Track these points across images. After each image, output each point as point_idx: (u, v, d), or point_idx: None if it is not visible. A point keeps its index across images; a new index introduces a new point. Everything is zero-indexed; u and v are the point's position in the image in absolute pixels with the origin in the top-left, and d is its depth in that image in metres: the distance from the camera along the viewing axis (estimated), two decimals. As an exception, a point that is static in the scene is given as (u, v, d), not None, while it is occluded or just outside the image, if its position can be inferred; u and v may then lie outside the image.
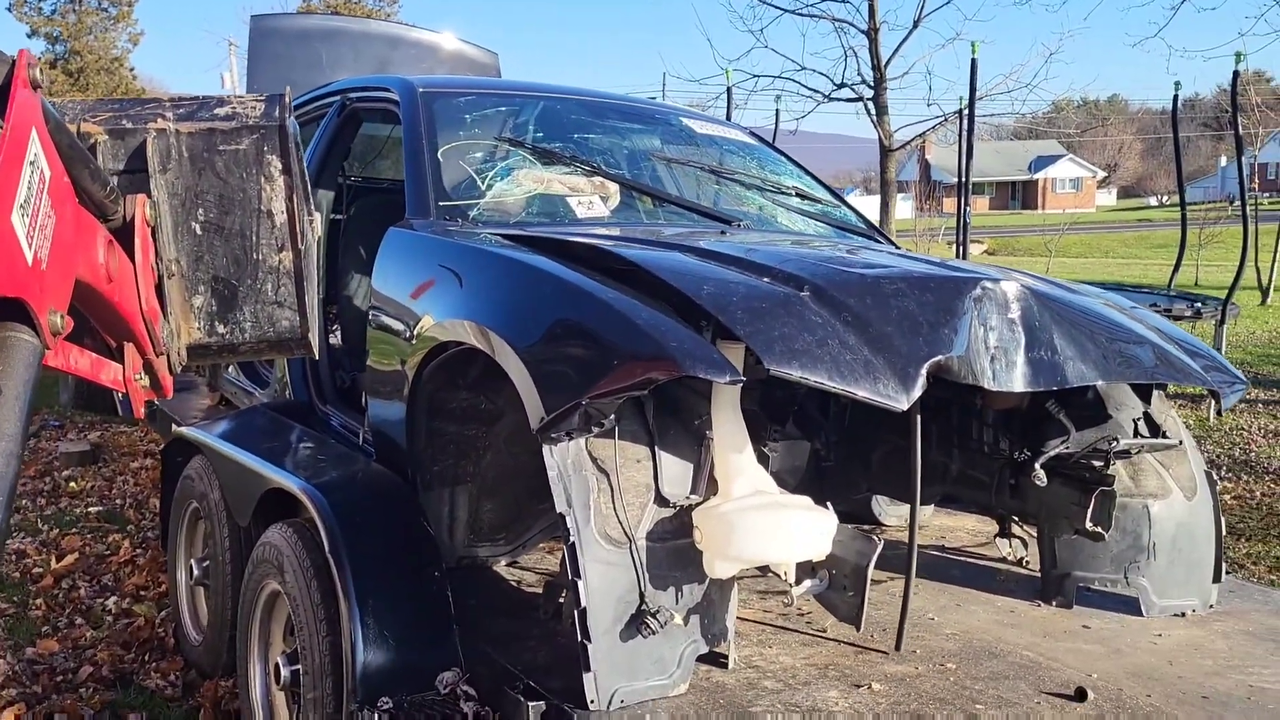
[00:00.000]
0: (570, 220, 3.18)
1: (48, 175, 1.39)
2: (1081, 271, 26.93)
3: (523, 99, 3.81)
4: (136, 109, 1.79)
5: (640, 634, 2.10)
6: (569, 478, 2.10)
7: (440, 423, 2.79)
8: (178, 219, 1.80)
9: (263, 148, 1.80)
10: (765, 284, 2.25)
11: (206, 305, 1.85)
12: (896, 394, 2.07)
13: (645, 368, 1.98)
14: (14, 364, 1.22)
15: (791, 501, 2.23)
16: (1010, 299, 2.28)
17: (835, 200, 3.97)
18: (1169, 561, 2.83)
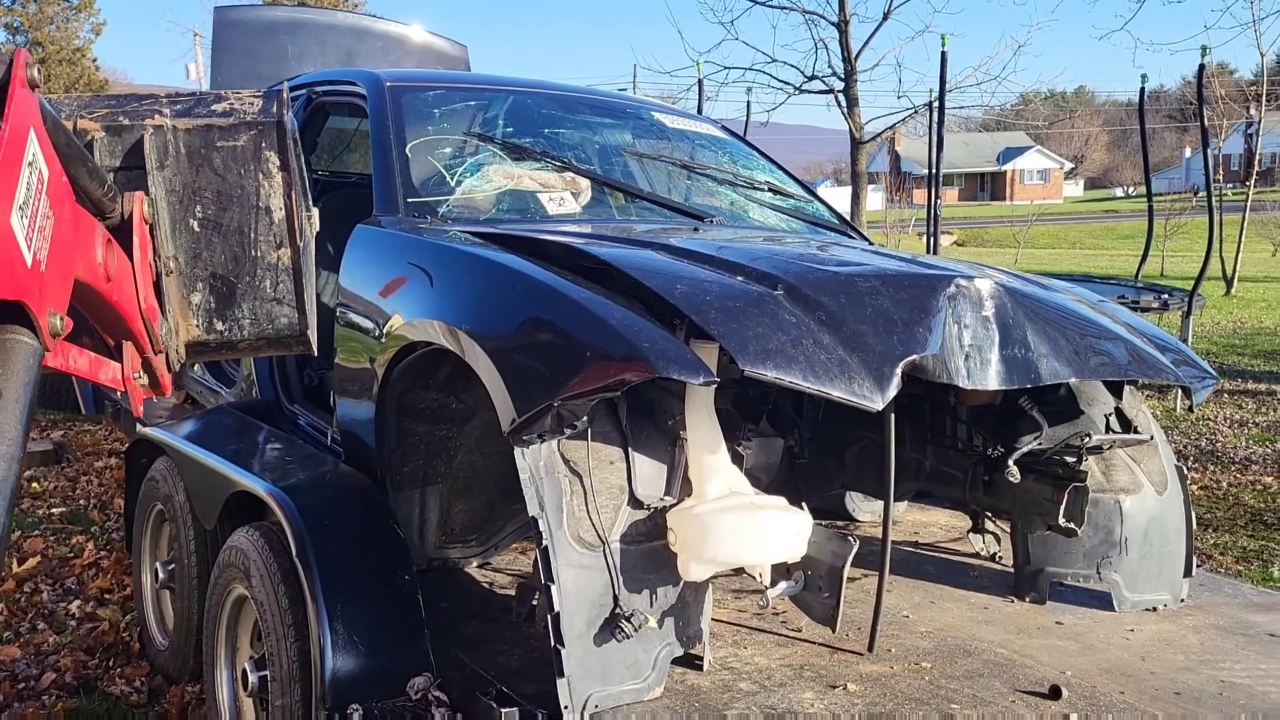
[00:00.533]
0: (541, 216, 3.14)
1: (46, 175, 1.37)
2: (1049, 262, 27.19)
3: (492, 93, 3.76)
4: (133, 105, 1.76)
5: (614, 638, 2.07)
6: (541, 480, 2.07)
7: (410, 423, 2.75)
8: (175, 216, 1.78)
9: (261, 144, 1.78)
10: (739, 283, 2.22)
11: (205, 302, 1.83)
12: (871, 394, 2.05)
13: (618, 368, 1.95)
14: (14, 367, 1.20)
15: (766, 503, 2.21)
16: (984, 296, 2.27)
17: (808, 195, 3.95)
18: (1140, 556, 2.84)
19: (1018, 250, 29.55)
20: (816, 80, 14.25)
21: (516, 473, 2.65)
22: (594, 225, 3.11)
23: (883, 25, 14.07)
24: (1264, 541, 5.51)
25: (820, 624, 2.44)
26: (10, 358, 1.21)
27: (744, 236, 3.20)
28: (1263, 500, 6.27)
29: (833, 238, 3.59)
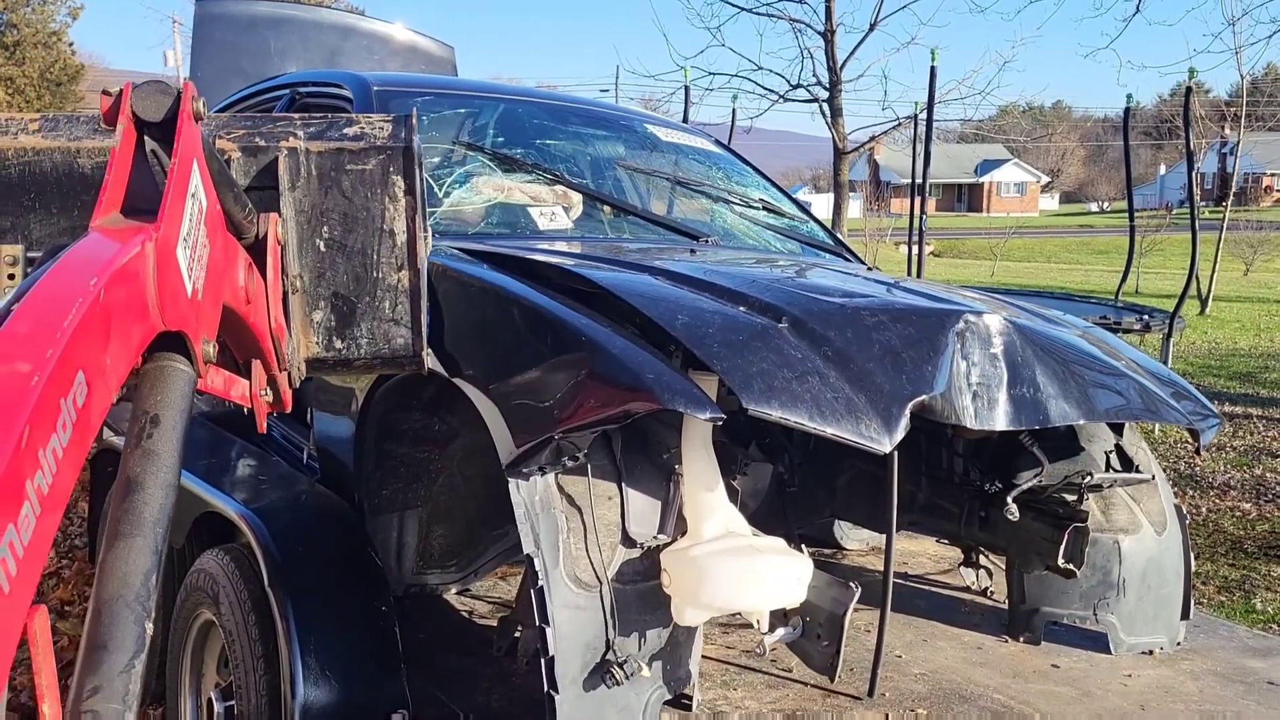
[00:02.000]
0: (532, 232, 3.03)
1: (204, 206, 1.42)
2: (1025, 275, 27.32)
3: (482, 100, 3.65)
4: (269, 127, 1.80)
5: (604, 684, 1.98)
6: (536, 516, 1.98)
7: (391, 444, 2.64)
8: (303, 236, 1.83)
9: (389, 168, 1.82)
10: (741, 314, 2.13)
11: (325, 320, 1.88)
12: (879, 436, 1.95)
13: (621, 400, 1.86)
14: (172, 394, 1.23)
15: (766, 545, 2.12)
16: (993, 333, 2.18)
17: (802, 214, 3.86)
18: (1138, 598, 2.78)
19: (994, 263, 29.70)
20: (801, 89, 14.22)
21: (499, 497, 2.55)
22: (587, 244, 3.01)
23: (869, 36, 14.08)
24: (1245, 571, 5.48)
25: (818, 673, 2.36)
26: (169, 386, 1.23)
27: (741, 259, 3.10)
28: (1242, 528, 6.26)
29: (830, 260, 3.50)
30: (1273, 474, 7.48)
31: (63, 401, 0.99)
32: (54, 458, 0.96)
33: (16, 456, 0.89)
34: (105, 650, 0.98)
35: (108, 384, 1.09)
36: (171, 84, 1.40)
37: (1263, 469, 7.63)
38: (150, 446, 1.16)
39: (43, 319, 1.02)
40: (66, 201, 1.77)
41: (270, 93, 3.90)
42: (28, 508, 0.90)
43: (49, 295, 1.06)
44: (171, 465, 1.16)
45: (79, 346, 1.02)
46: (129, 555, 1.06)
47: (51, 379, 0.96)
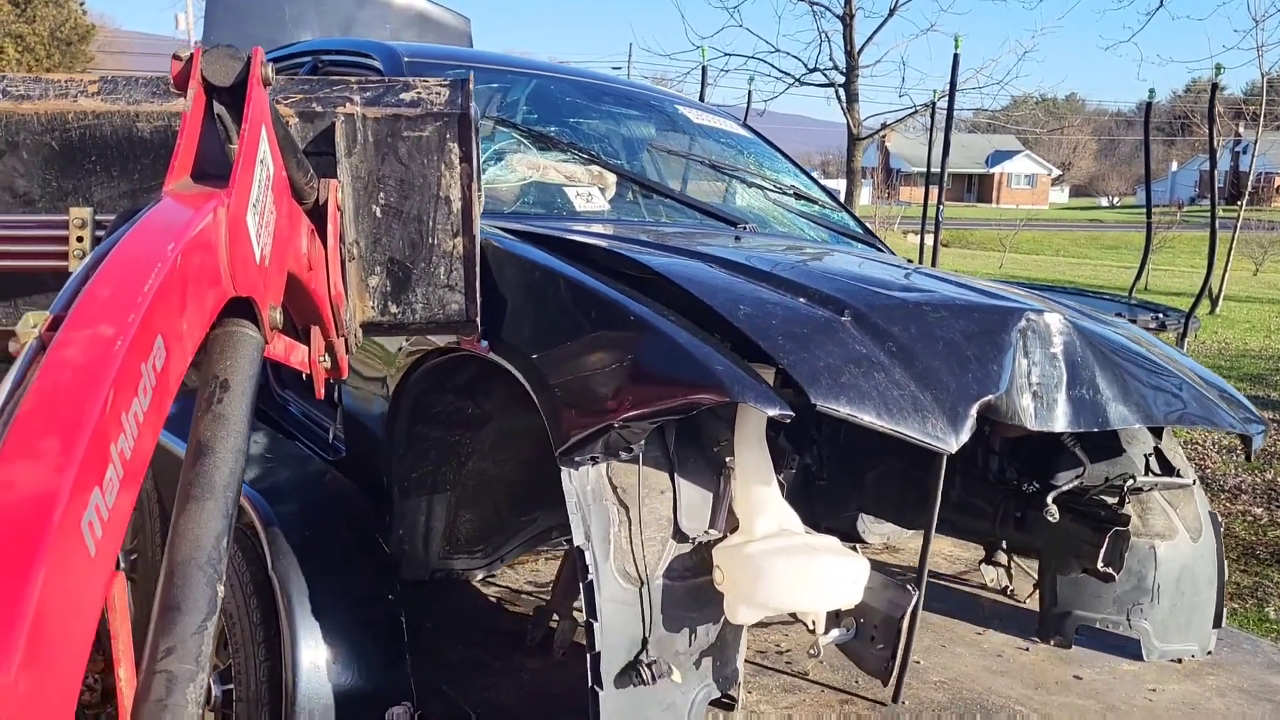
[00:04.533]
0: (569, 213, 2.94)
1: (271, 172, 1.42)
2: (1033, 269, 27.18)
3: (513, 75, 3.54)
4: (325, 91, 1.78)
5: (632, 683, 1.92)
6: (588, 507, 1.91)
7: (423, 427, 2.58)
8: (359, 202, 1.82)
9: (445, 135, 1.82)
10: (803, 306, 2.06)
11: (381, 285, 1.88)
12: (945, 436, 1.90)
13: (687, 391, 1.80)
14: (241, 360, 1.24)
15: (822, 545, 2.06)
16: (1053, 332, 2.13)
17: (833, 202, 3.77)
18: (1172, 605, 2.73)
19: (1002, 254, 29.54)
20: (818, 73, 14.08)
21: (527, 483, 2.52)
22: (630, 227, 2.91)
23: (888, 20, 13.91)
24: (1257, 578, 5.41)
25: (871, 675, 2.30)
26: (238, 351, 1.24)
27: (787, 247, 3.01)
28: (1254, 533, 6.18)
29: (871, 252, 3.41)
30: (1286, 479, 7.39)
31: (143, 366, 0.99)
32: (135, 421, 0.96)
33: (102, 420, 0.88)
34: (179, 611, 1.00)
35: (184, 349, 1.10)
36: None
37: (1274, 473, 7.54)
38: (220, 411, 1.17)
39: (124, 283, 1.02)
40: (127, 164, 1.79)
41: (290, 60, 3.79)
42: (112, 471, 0.90)
43: (129, 259, 1.06)
44: (241, 430, 1.17)
45: (158, 311, 1.02)
46: (201, 518, 1.08)
47: (133, 343, 0.96)
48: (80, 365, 0.92)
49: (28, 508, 0.80)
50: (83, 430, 0.87)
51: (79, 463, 0.84)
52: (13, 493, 0.81)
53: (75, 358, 0.93)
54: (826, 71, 14.00)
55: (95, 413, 0.88)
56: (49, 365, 0.93)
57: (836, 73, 13.91)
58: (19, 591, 0.75)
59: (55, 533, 0.79)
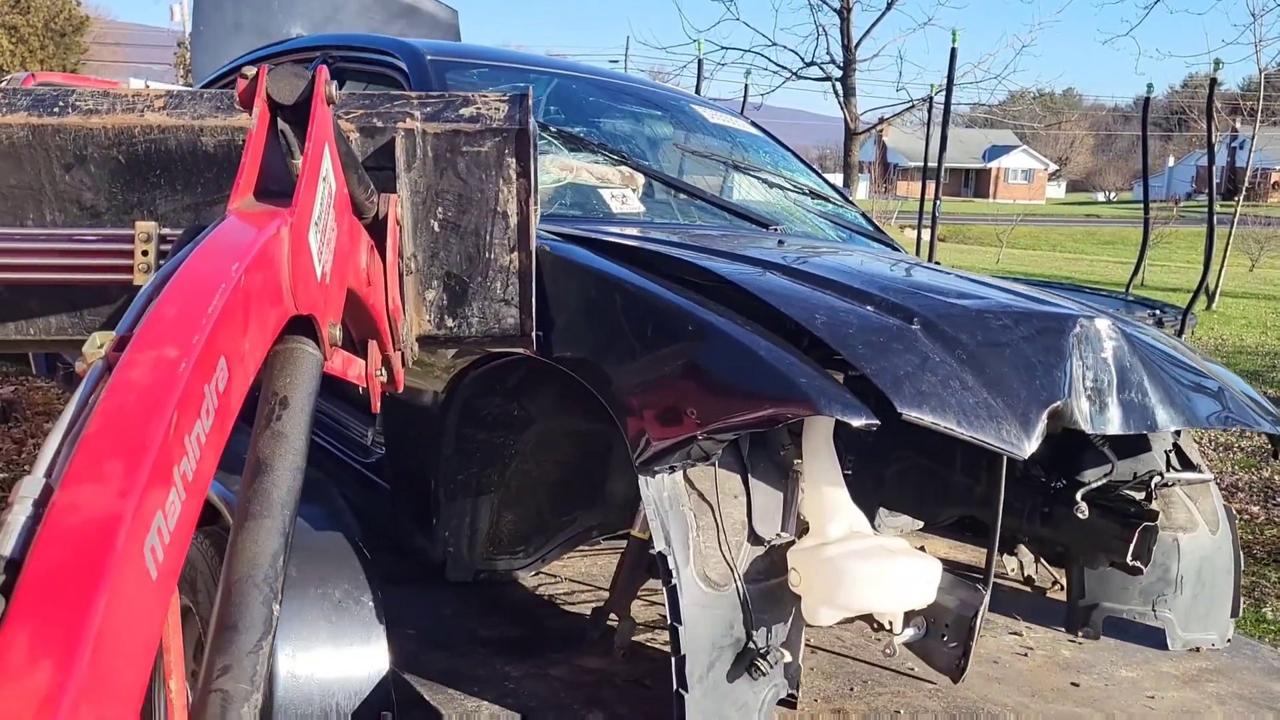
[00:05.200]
0: (605, 214, 2.94)
1: (333, 189, 1.42)
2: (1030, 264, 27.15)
3: (535, 75, 3.53)
4: (386, 107, 1.79)
5: (749, 675, 1.97)
6: (666, 514, 1.93)
7: (470, 429, 2.61)
8: (418, 216, 1.83)
9: (504, 151, 1.82)
10: (872, 314, 2.09)
11: (438, 299, 1.89)
12: (1019, 441, 1.93)
13: (775, 405, 1.83)
14: (300, 377, 1.24)
15: (897, 548, 2.11)
16: (1104, 338, 2.19)
17: (844, 200, 3.77)
18: (1194, 595, 2.80)
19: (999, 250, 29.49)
20: (815, 67, 14.02)
21: (568, 484, 2.63)
22: (671, 230, 2.90)
23: (886, 14, 13.86)
24: (1254, 577, 5.35)
25: (942, 672, 2.31)
26: (298, 369, 1.25)
27: (828, 251, 3.03)
28: (1251, 531, 6.13)
29: (896, 254, 3.47)
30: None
31: (206, 387, 0.99)
32: (197, 444, 0.96)
33: (166, 443, 0.89)
34: (235, 630, 1.00)
35: (246, 369, 1.11)
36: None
37: (1271, 471, 7.50)
38: (280, 428, 1.17)
39: (188, 304, 1.03)
40: (190, 178, 1.81)
41: (297, 54, 3.74)
42: (174, 494, 0.90)
43: (194, 279, 1.07)
44: (300, 447, 1.18)
45: (221, 332, 1.03)
46: (259, 536, 1.08)
47: (197, 365, 0.97)
48: (145, 387, 0.93)
49: (92, 531, 0.81)
50: (147, 454, 0.87)
51: (143, 486, 0.85)
52: (77, 516, 0.82)
53: (140, 379, 0.94)
54: (824, 65, 13.96)
55: (159, 436, 0.89)
56: (114, 387, 0.93)
57: (834, 66, 13.88)
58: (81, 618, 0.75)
59: (118, 557, 0.80)
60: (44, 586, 0.77)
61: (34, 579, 0.77)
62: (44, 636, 0.74)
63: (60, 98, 1.79)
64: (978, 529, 3.27)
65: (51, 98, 1.79)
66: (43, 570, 0.78)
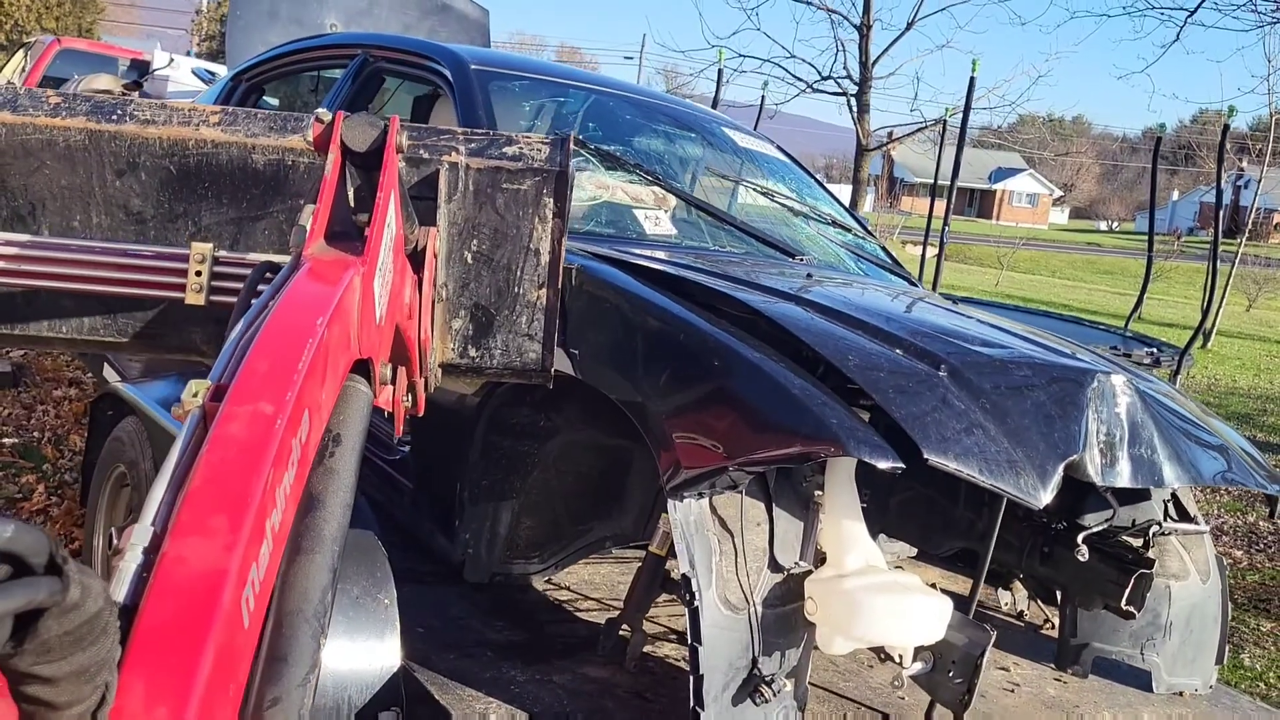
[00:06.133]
0: (638, 235, 3.02)
1: (394, 233, 1.46)
2: (1029, 288, 27.28)
3: (574, 90, 3.62)
4: (433, 139, 1.84)
5: (753, 701, 2.04)
6: (691, 537, 2.02)
7: (496, 436, 2.69)
8: (452, 247, 1.87)
9: (543, 190, 1.87)
10: (902, 358, 2.18)
11: (464, 329, 1.93)
12: (1036, 491, 2.02)
13: (805, 443, 1.91)
14: (353, 415, 1.27)
15: (911, 584, 2.20)
16: (1118, 393, 2.27)
17: (864, 231, 3.85)
18: (1181, 641, 2.87)
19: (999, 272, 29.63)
20: (831, 81, 14.07)
21: (586, 495, 2.73)
22: (703, 256, 2.97)
23: (905, 34, 13.92)
24: (1235, 623, 5.45)
25: (946, 707, 2.39)
26: (351, 406, 1.28)
27: (855, 286, 3.12)
28: (1234, 576, 6.23)
29: (917, 290, 3.56)
30: (1265, 523, 7.45)
31: (294, 440, 1.03)
32: (284, 495, 1.00)
33: (263, 498, 0.93)
34: (285, 663, 1.03)
35: (322, 418, 1.16)
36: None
37: (1256, 516, 7.61)
38: (332, 465, 1.21)
39: (280, 358, 1.07)
40: (237, 194, 1.86)
41: (334, 49, 3.80)
42: (266, 546, 0.94)
43: (283, 332, 1.12)
44: (350, 484, 1.22)
45: (309, 387, 1.07)
46: (310, 571, 1.11)
47: (290, 421, 1.01)
48: (244, 443, 0.97)
49: (200, 585, 0.84)
50: (248, 509, 0.90)
51: (245, 542, 0.88)
52: (186, 569, 0.85)
53: (240, 435, 0.98)
54: (840, 80, 14.00)
55: (259, 491, 0.92)
56: (216, 441, 0.97)
57: (850, 82, 13.91)
58: (192, 669, 0.79)
59: (222, 612, 0.83)
60: (158, 636, 0.80)
61: (148, 628, 0.81)
62: (159, 685, 0.78)
63: (119, 106, 1.85)
64: (974, 561, 3.35)
65: (110, 106, 1.85)
66: (156, 620, 0.81)
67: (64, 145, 1.81)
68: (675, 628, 2.86)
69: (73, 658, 0.71)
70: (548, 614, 2.92)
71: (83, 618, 0.70)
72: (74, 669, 0.71)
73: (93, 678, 0.73)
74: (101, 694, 0.75)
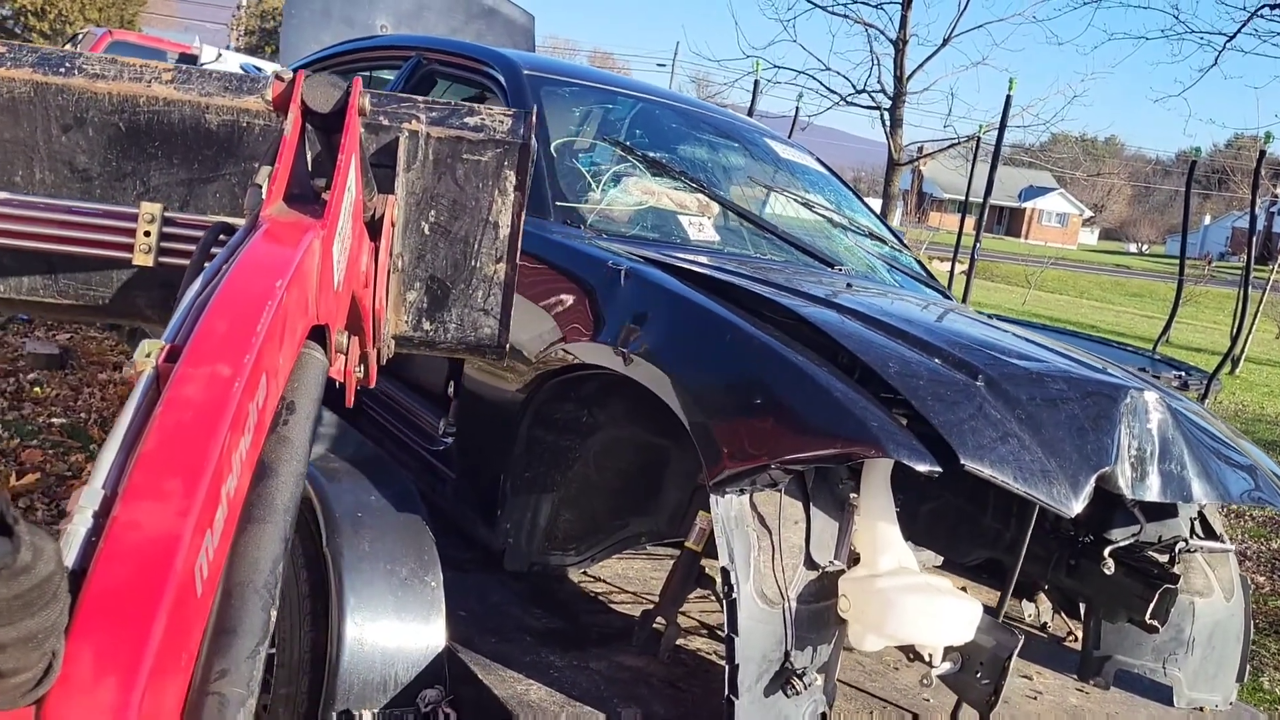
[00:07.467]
0: (682, 241, 3.10)
1: (354, 198, 1.43)
2: (1056, 308, 27.15)
3: (622, 97, 3.70)
4: (393, 106, 1.80)
5: (784, 693, 2.11)
6: (732, 532, 2.09)
7: (540, 431, 2.77)
8: (410, 217, 1.84)
9: (504, 162, 1.85)
10: (941, 367, 2.24)
11: (418, 301, 1.90)
12: (1068, 501, 2.08)
13: (845, 444, 1.98)
14: (307, 383, 1.25)
15: (943, 586, 2.27)
16: (1151, 409, 2.32)
17: (900, 244, 3.93)
18: (1203, 657, 2.91)
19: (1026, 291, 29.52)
20: (864, 94, 14.14)
21: (624, 491, 2.79)
22: (746, 262, 3.05)
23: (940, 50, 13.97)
24: (1255, 647, 5.47)
25: (972, 706, 2.45)
26: (305, 374, 1.26)
27: (893, 297, 3.19)
28: (1256, 601, 6.24)
29: (950, 302, 3.61)
30: (1289, 549, 7.45)
31: (251, 405, 1.00)
32: (240, 461, 0.97)
33: (219, 463, 0.90)
34: (234, 634, 0.99)
35: (279, 383, 1.12)
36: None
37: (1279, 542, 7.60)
38: (285, 433, 1.18)
39: (238, 321, 1.03)
40: (189, 154, 1.79)
41: (389, 50, 3.91)
42: (220, 512, 0.91)
43: (242, 294, 1.08)
44: (303, 454, 1.19)
45: (267, 351, 1.03)
46: (261, 541, 1.07)
47: (247, 385, 0.98)
48: (200, 406, 0.93)
49: (152, 550, 0.81)
50: (204, 473, 0.87)
51: (199, 507, 0.85)
52: (139, 534, 0.82)
53: (195, 397, 0.94)
54: (874, 94, 14.06)
55: (214, 455, 0.89)
56: (171, 402, 0.93)
57: (884, 96, 13.98)
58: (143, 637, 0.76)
59: (175, 579, 0.80)
60: (107, 602, 0.77)
61: (97, 593, 0.78)
62: (108, 653, 0.75)
63: (68, 59, 1.78)
64: (998, 572, 3.40)
65: (59, 58, 1.78)
66: (106, 586, 0.78)
67: (7, 96, 1.73)
68: (707, 622, 2.94)
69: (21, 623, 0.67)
70: (583, 604, 3.01)
71: (33, 581, 0.66)
72: (21, 635, 0.67)
73: (40, 644, 0.69)
74: (48, 662, 0.71)
